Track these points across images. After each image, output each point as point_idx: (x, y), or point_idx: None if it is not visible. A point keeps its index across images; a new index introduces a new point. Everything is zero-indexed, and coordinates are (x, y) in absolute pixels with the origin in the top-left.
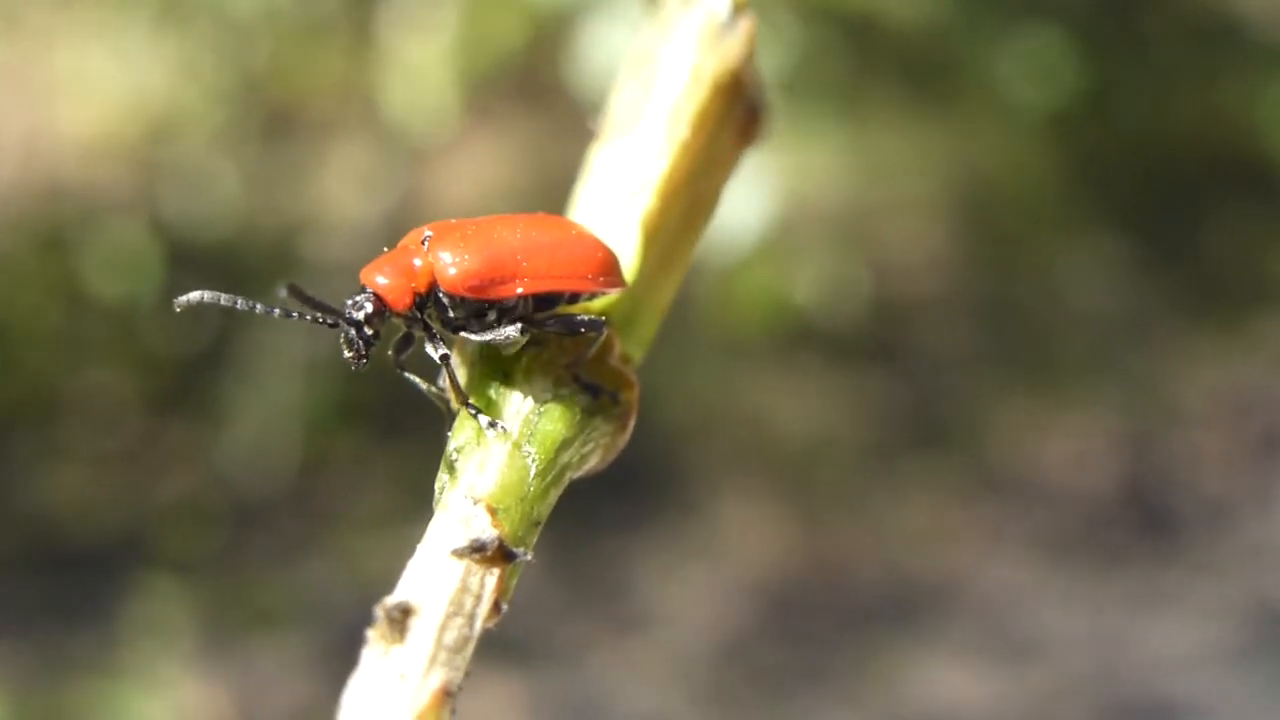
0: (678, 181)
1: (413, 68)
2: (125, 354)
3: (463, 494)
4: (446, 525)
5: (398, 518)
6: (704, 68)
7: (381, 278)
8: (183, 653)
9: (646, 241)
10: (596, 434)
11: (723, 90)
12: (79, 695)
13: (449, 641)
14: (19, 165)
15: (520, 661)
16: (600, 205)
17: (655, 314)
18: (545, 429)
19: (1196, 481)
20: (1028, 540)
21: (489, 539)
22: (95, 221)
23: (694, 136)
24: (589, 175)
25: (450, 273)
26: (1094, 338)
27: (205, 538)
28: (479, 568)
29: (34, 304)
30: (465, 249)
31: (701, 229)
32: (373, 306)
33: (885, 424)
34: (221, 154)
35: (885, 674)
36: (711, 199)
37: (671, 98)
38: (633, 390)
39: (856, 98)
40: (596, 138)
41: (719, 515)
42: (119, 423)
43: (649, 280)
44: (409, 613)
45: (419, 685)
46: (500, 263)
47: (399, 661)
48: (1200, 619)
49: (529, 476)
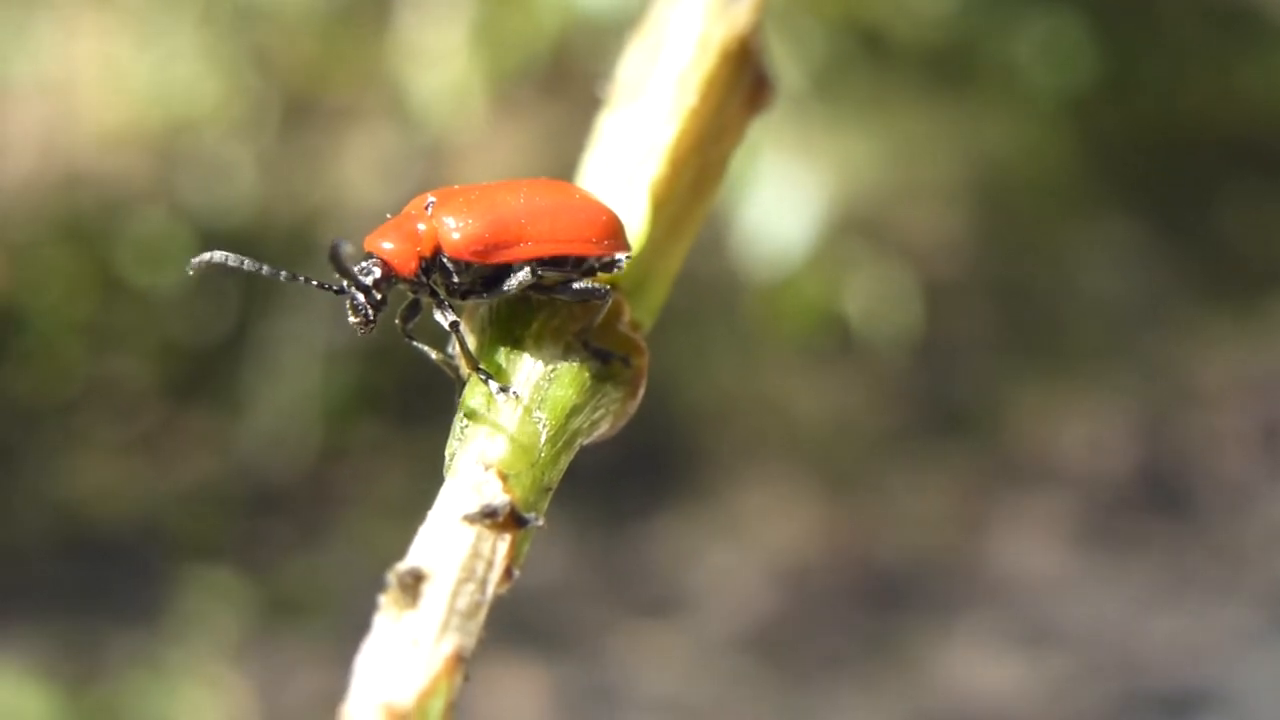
0: (686, 148)
1: (434, 57)
2: (146, 342)
3: (474, 459)
4: (458, 491)
5: (416, 504)
6: (712, 35)
7: (386, 243)
8: (212, 642)
9: (655, 208)
10: (607, 400)
11: (730, 57)
12: (101, 681)
13: (461, 607)
14: (39, 155)
15: (542, 646)
16: (608, 172)
17: (665, 281)
18: (556, 395)
19: (1214, 464)
20: (1046, 524)
21: (500, 504)
22: (116, 211)
23: (702, 103)
24: (597, 142)
25: (454, 237)
26: (1111, 321)
27: (224, 525)
28: (490, 533)
29: (56, 293)
30: (469, 213)
31: (710, 196)
32: (379, 272)
33: (904, 408)
34: (241, 142)
35: (906, 658)
36: (720, 166)
37: (679, 65)
38: (643, 356)
39: (874, 85)
40: (604, 105)
41: (740, 500)
42: (139, 410)
43: (658, 247)
44: (421, 578)
45: (432, 650)
46: (504, 226)
47: (411, 627)
48: (1220, 602)
49: (540, 442)
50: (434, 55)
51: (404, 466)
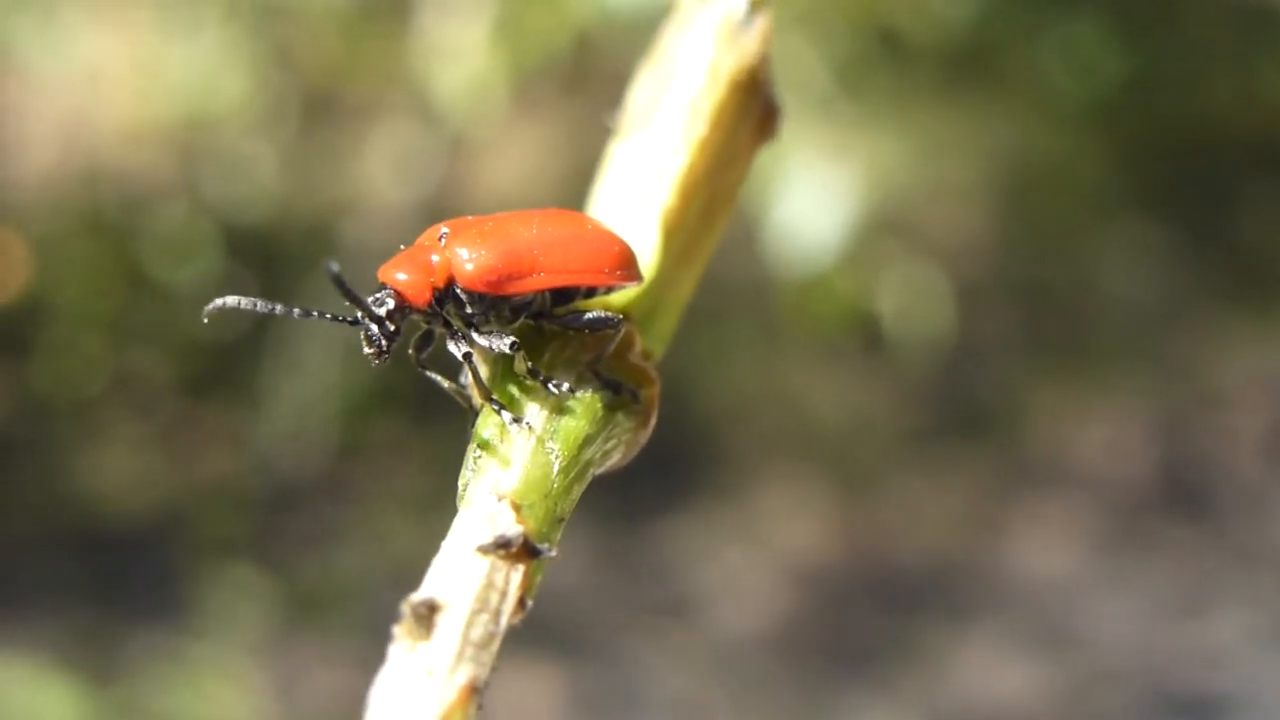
0: (696, 177)
1: (455, 53)
2: (167, 337)
3: (487, 490)
4: (471, 522)
5: (433, 501)
6: (721, 65)
7: (400, 274)
8: (234, 637)
9: (666, 237)
10: (619, 430)
11: (740, 87)
12: (120, 675)
13: (475, 638)
14: (60, 151)
15: (558, 645)
16: (619, 201)
17: (675, 310)
18: (568, 425)
19: (1234, 467)
20: (1065, 526)
21: (514, 535)
22: (138, 206)
23: (712, 133)
24: (608, 171)
25: (467, 268)
26: (1131, 323)
27: (243, 520)
28: (504, 564)
29: (78, 288)
30: (482, 244)
31: (720, 225)
32: (393, 303)
33: (923, 409)
34: (262, 138)
35: (923, 659)
36: (729, 195)
37: (689, 94)
38: (653, 386)
39: (897, 87)
40: (614, 134)
41: (757, 500)
42: (160, 405)
43: (668, 276)
44: (435, 609)
45: (446, 681)
46: (517, 258)
47: (426, 658)
48: (1240, 603)
49: (553, 473)
50: (455, 52)
51: (421, 463)
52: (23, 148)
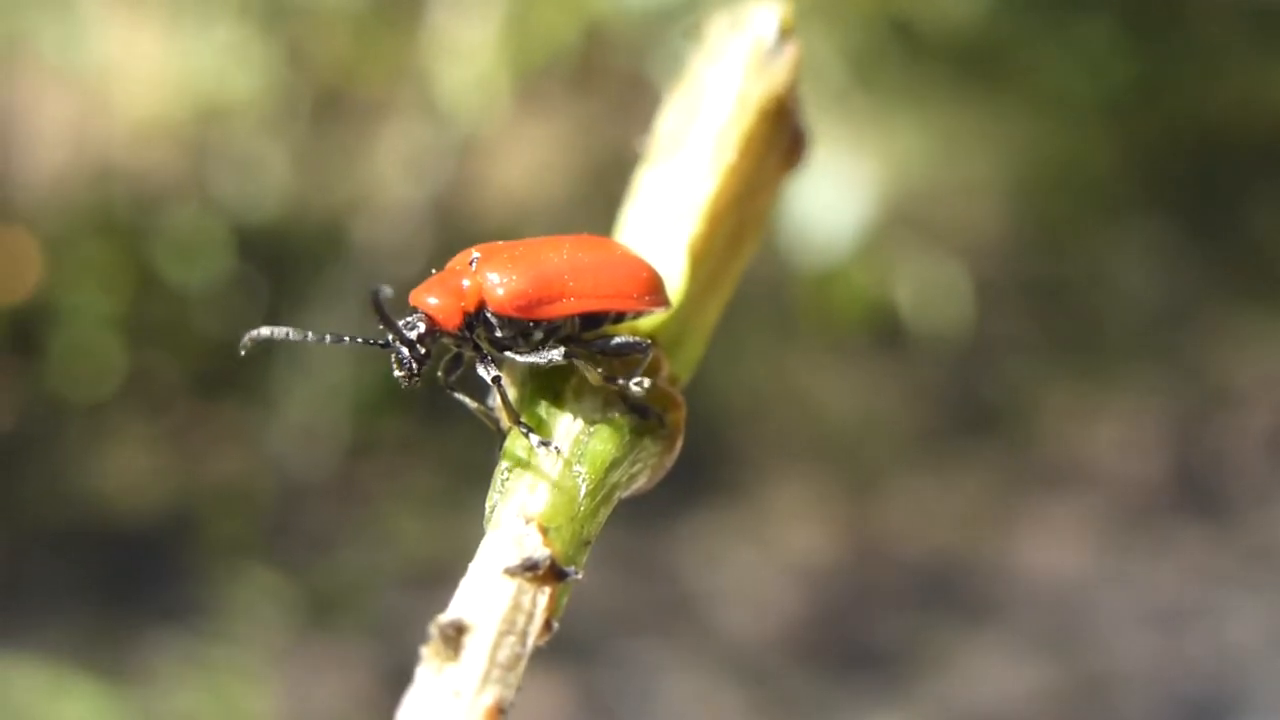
0: (724, 205)
1: (465, 52)
2: (178, 337)
3: (515, 512)
4: (499, 544)
5: (444, 500)
6: (750, 93)
7: (432, 298)
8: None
9: (693, 264)
10: (645, 454)
11: (768, 115)
12: (134, 674)
13: (502, 659)
14: (71, 150)
15: (569, 645)
16: (647, 227)
17: (702, 336)
18: (595, 449)
19: (1246, 465)
20: (1077, 525)
21: (541, 558)
22: (149, 205)
23: (740, 160)
24: (636, 197)
25: (498, 293)
26: (1142, 321)
27: (254, 519)
28: (531, 586)
29: (90, 287)
30: (512, 269)
31: (748, 252)
32: (424, 326)
33: (934, 407)
34: (271, 136)
35: (933, 658)
36: (757, 222)
37: (718, 122)
38: (679, 411)
39: (910, 83)
40: (642, 160)
41: (767, 499)
42: (171, 405)
43: (695, 302)
44: (463, 630)
45: (473, 702)
46: (547, 282)
47: (453, 679)
48: (1252, 603)
49: (579, 496)
50: (464, 51)
51: (433, 462)
52: (34, 147)
